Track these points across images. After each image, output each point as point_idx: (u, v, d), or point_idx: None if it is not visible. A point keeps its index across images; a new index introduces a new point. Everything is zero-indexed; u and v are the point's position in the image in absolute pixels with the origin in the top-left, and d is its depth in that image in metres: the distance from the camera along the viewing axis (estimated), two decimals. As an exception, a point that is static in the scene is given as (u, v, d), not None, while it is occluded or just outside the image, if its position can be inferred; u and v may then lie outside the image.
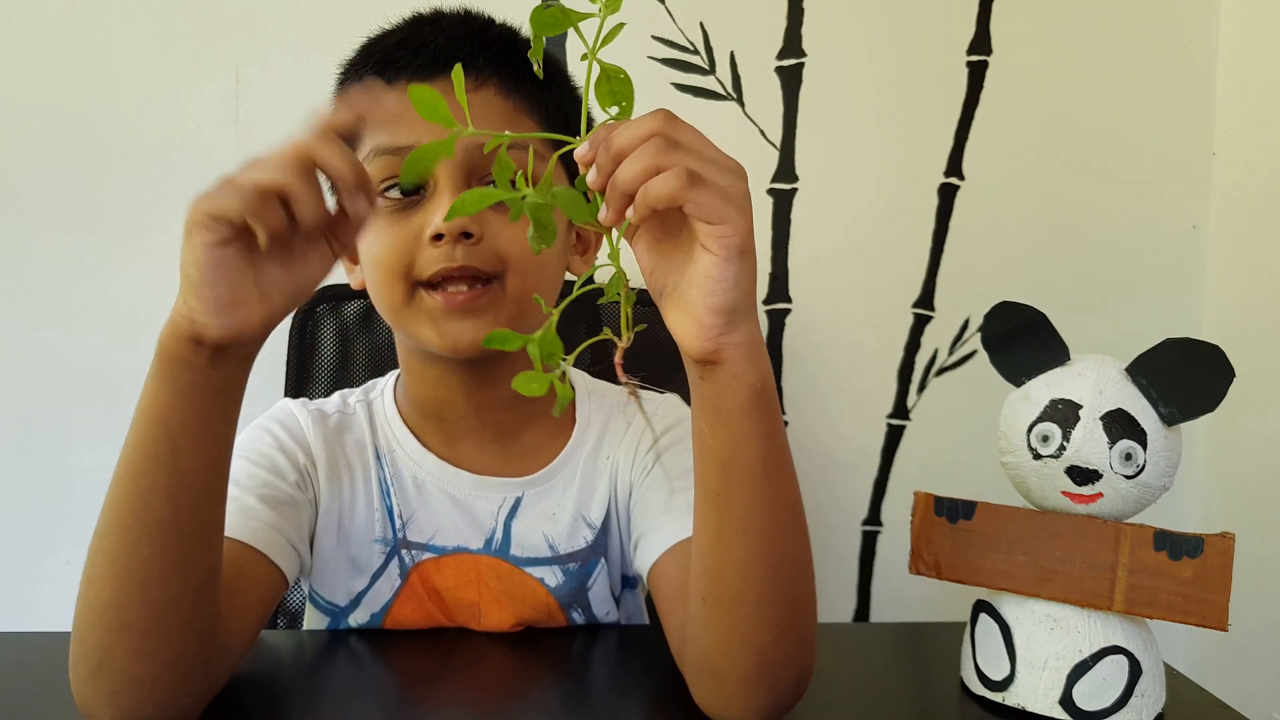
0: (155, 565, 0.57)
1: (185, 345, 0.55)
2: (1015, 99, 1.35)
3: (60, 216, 1.27)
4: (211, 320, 0.54)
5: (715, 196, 0.49)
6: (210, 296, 0.54)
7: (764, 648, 0.60)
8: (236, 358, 0.57)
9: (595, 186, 0.51)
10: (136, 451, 0.57)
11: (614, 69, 0.51)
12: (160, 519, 0.57)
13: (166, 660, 0.59)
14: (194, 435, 0.57)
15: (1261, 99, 1.31)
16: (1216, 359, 0.67)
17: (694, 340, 0.53)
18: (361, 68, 0.76)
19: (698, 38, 1.30)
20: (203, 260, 0.53)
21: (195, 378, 0.56)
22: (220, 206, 0.52)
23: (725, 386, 0.54)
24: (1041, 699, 0.68)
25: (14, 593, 1.31)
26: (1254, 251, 1.32)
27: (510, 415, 0.81)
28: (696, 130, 0.51)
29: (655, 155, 0.49)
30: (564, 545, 0.81)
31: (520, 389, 0.55)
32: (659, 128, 0.49)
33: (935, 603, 1.18)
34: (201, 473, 0.58)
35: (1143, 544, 0.67)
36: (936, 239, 1.37)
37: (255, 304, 0.55)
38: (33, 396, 1.29)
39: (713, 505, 0.58)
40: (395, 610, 0.81)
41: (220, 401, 0.58)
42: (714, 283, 0.51)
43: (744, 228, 0.50)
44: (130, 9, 1.25)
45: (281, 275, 0.57)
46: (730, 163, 0.51)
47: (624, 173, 0.49)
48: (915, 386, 1.39)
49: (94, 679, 0.59)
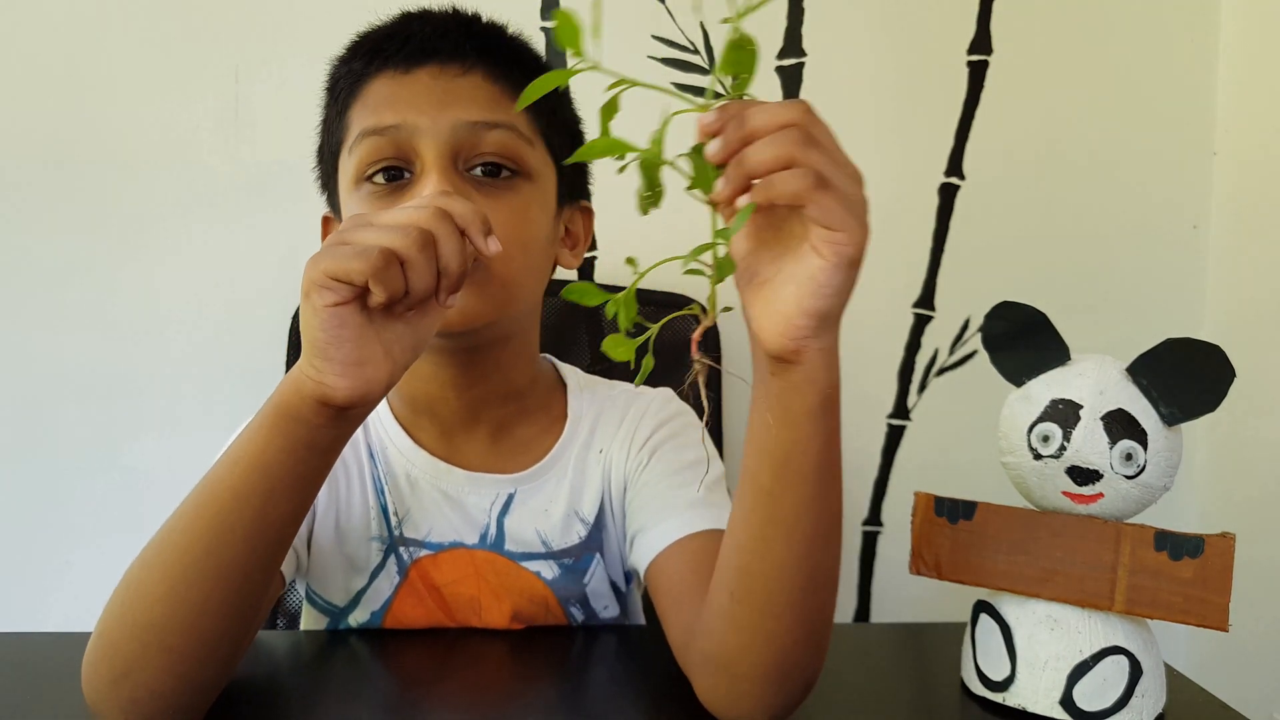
0: (212, 601, 0.58)
1: (309, 405, 0.55)
2: (1015, 99, 1.35)
3: (60, 216, 1.27)
4: (340, 381, 0.54)
5: (839, 203, 0.48)
6: (338, 357, 0.54)
7: (786, 648, 0.60)
8: (355, 418, 0.58)
9: (716, 160, 0.49)
10: (229, 494, 0.57)
11: (747, 38, 0.49)
12: (233, 561, 0.58)
13: (194, 680, 0.60)
14: (291, 489, 0.58)
15: (1261, 99, 1.31)
16: (1217, 359, 0.66)
17: (778, 337, 0.52)
18: (350, 61, 0.77)
19: (698, 38, 1.30)
20: (327, 321, 0.54)
21: (311, 436, 0.56)
22: (344, 269, 0.53)
23: (796, 387, 0.54)
24: (1042, 699, 0.68)
25: (14, 593, 1.31)
26: (1254, 251, 1.32)
27: (502, 411, 0.81)
28: (830, 129, 0.49)
29: (790, 147, 0.47)
30: (557, 541, 0.81)
31: (609, 351, 0.53)
32: (799, 119, 0.48)
33: (935, 603, 1.18)
34: (286, 524, 0.59)
35: (1143, 544, 0.67)
36: (936, 239, 1.37)
37: (380, 361, 0.56)
38: (33, 398, 1.29)
39: (761, 502, 0.57)
40: (395, 607, 0.81)
41: (326, 459, 0.59)
42: (818, 286, 0.50)
43: (861, 238, 0.49)
44: (130, 9, 1.26)
45: (403, 330, 0.57)
46: (854, 170, 0.50)
47: (755, 155, 0.48)
48: (915, 386, 1.39)
49: (116, 686, 0.59)
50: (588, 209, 0.86)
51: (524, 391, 0.82)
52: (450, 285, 0.56)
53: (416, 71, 0.74)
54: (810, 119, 0.48)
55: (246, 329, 1.28)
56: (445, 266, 0.55)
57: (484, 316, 0.73)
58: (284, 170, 1.26)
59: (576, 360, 0.94)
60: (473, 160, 0.73)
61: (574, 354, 1.14)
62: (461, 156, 0.73)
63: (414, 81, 0.73)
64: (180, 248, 1.27)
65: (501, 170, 0.74)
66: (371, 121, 0.73)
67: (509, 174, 0.74)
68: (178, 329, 1.28)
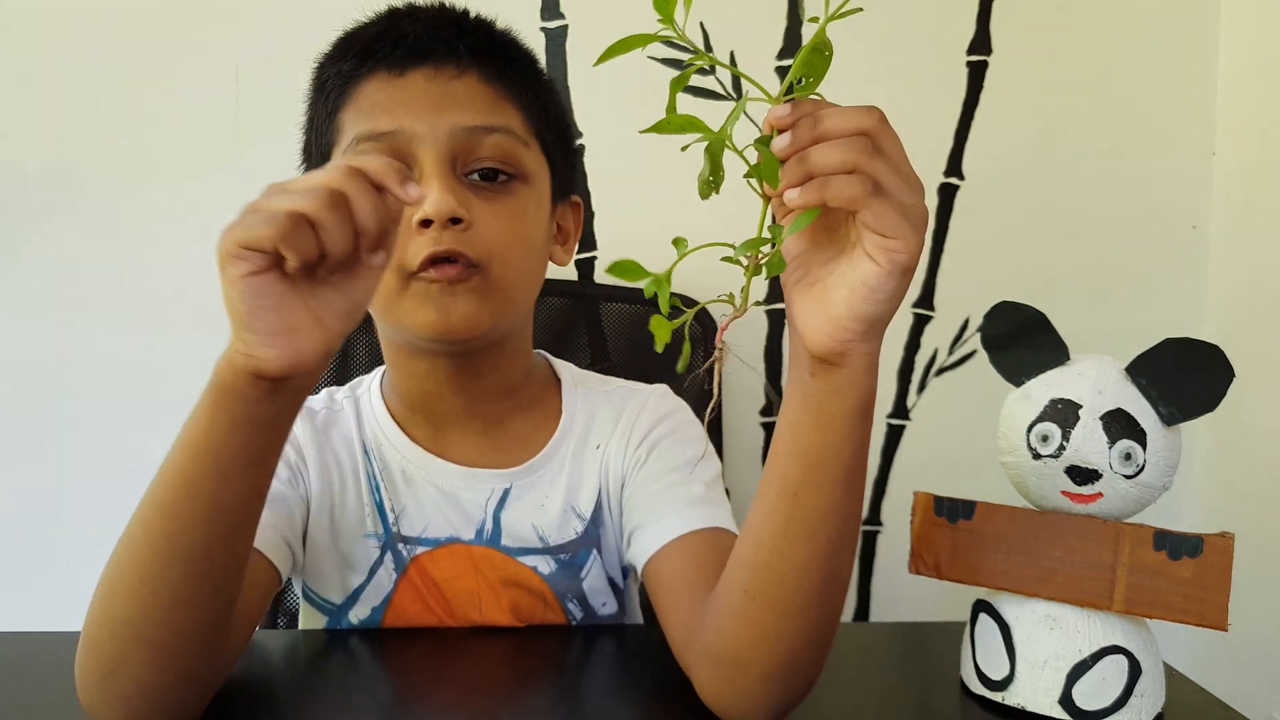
0: (182, 588, 0.57)
1: (243, 380, 0.54)
2: (1015, 99, 1.35)
3: (60, 216, 1.27)
4: (269, 352, 0.53)
5: (895, 211, 0.48)
6: (262, 328, 0.53)
7: (796, 647, 0.60)
8: (294, 390, 0.56)
9: (783, 154, 0.49)
10: (181, 479, 0.56)
11: (826, 42, 0.50)
12: (195, 545, 0.57)
13: (180, 672, 0.60)
14: (241, 469, 0.57)
15: (1261, 99, 1.31)
16: (1216, 359, 0.66)
17: (825, 339, 0.52)
18: (340, 61, 0.76)
19: (698, 38, 1.30)
20: (245, 292, 0.52)
21: (251, 411, 0.55)
22: (252, 236, 0.51)
23: (837, 390, 0.54)
24: (1041, 699, 0.68)
25: (14, 593, 1.31)
26: (1254, 251, 1.32)
27: (497, 406, 0.81)
28: (899, 140, 0.50)
29: (857, 153, 0.48)
30: (554, 536, 0.81)
31: (654, 329, 0.52)
32: (870, 127, 0.48)
33: (935, 603, 1.18)
34: (243, 505, 0.58)
35: (1142, 544, 0.67)
36: (936, 239, 1.37)
37: (310, 329, 0.55)
38: (32, 395, 1.29)
39: (786, 502, 0.57)
40: (395, 604, 0.81)
41: (273, 435, 0.58)
42: (870, 291, 0.50)
43: (915, 246, 0.49)
44: (131, 9, 1.26)
45: (332, 295, 0.56)
46: (918, 182, 0.50)
47: (821, 156, 0.48)
48: (915, 386, 1.39)
49: (105, 686, 0.59)
50: (577, 203, 0.86)
51: (518, 387, 0.82)
52: (370, 243, 0.54)
53: (411, 74, 0.73)
54: (882, 128, 0.49)
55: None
56: (362, 224, 0.53)
57: (484, 323, 0.73)
58: (284, 169, 1.26)
59: (576, 359, 0.94)
60: (470, 165, 0.73)
61: (574, 353, 1.14)
62: (460, 161, 0.72)
63: (409, 85, 0.73)
64: (181, 245, 1.27)
65: (499, 175, 0.74)
66: (367, 126, 0.72)
67: (506, 178, 0.74)
68: (179, 325, 1.28)
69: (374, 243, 0.55)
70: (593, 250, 1.32)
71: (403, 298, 0.73)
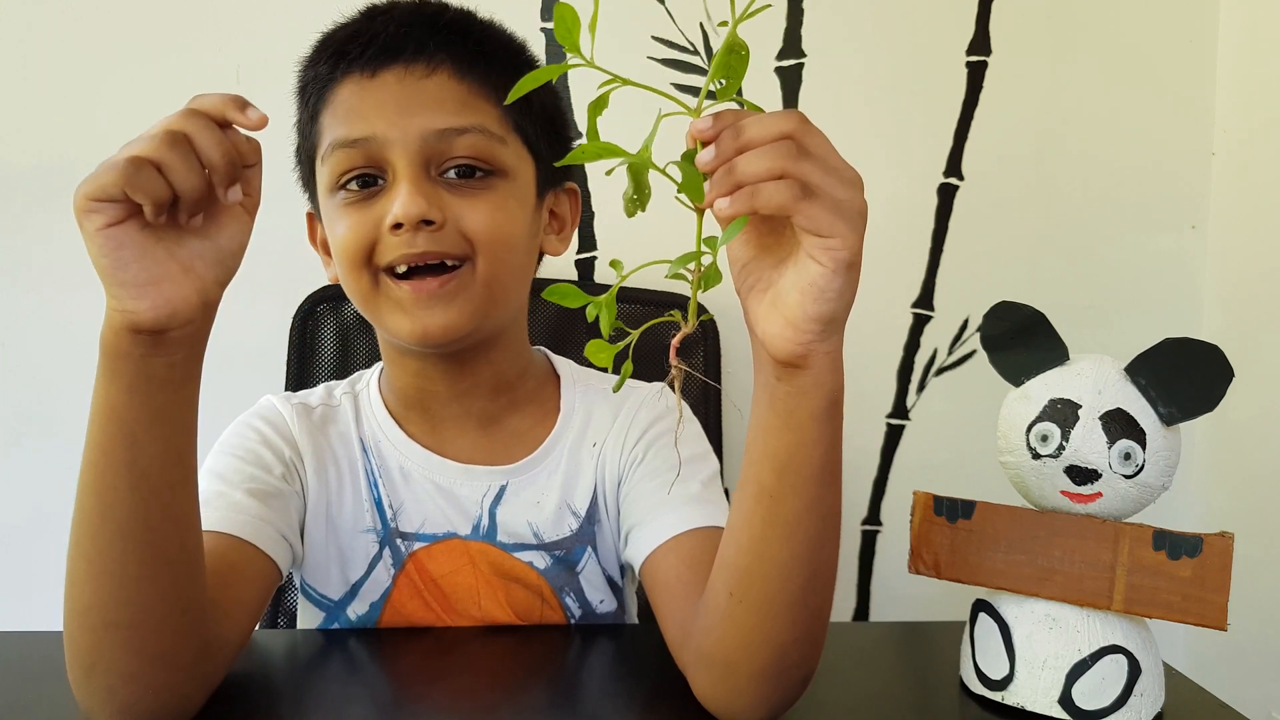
0: (129, 562, 0.57)
1: (124, 337, 0.54)
2: (1015, 99, 1.35)
3: (60, 217, 1.27)
4: (139, 304, 0.53)
5: (827, 210, 0.48)
6: (128, 280, 0.53)
7: (784, 646, 0.60)
8: (178, 342, 0.56)
9: (707, 168, 0.49)
10: (97, 451, 0.56)
11: (740, 43, 0.49)
12: (128, 516, 0.56)
13: (157, 653, 0.59)
14: (150, 430, 0.56)
15: (1261, 99, 1.31)
16: (1215, 359, 0.67)
17: (785, 343, 0.52)
18: (317, 65, 0.76)
19: (697, 38, 1.30)
20: (104, 245, 0.53)
21: (141, 369, 0.55)
22: (97, 186, 0.52)
23: (803, 391, 0.54)
24: (1041, 698, 0.68)
25: (14, 593, 1.31)
26: (1254, 251, 1.32)
27: (492, 403, 0.81)
28: (825, 138, 0.50)
29: (782, 159, 0.47)
30: (549, 533, 0.81)
31: (591, 357, 0.53)
32: (793, 130, 0.48)
33: (935, 602, 1.18)
34: (164, 467, 0.57)
35: (1142, 543, 0.67)
36: (936, 239, 1.37)
37: (179, 278, 0.55)
38: (30, 393, 1.29)
39: (762, 504, 0.58)
40: (394, 599, 0.81)
41: (170, 392, 0.57)
42: (820, 291, 0.50)
43: (854, 242, 0.49)
44: (130, 9, 1.26)
45: (198, 243, 0.56)
46: (851, 174, 0.50)
47: (746, 166, 0.48)
48: (915, 386, 1.39)
49: (88, 678, 0.59)
50: (573, 190, 0.85)
51: (514, 384, 0.82)
52: (223, 179, 0.54)
53: (382, 75, 0.73)
54: (805, 129, 0.49)
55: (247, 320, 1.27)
56: (208, 160, 0.53)
57: (465, 327, 0.73)
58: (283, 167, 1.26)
59: (574, 355, 0.93)
60: (445, 164, 0.72)
61: (573, 351, 1.13)
62: (433, 163, 0.72)
63: (380, 87, 0.73)
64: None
65: (475, 171, 0.73)
66: (341, 133, 0.72)
67: (483, 174, 0.74)
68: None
69: (226, 178, 0.54)
70: (593, 250, 1.32)
71: (378, 298, 0.73)
